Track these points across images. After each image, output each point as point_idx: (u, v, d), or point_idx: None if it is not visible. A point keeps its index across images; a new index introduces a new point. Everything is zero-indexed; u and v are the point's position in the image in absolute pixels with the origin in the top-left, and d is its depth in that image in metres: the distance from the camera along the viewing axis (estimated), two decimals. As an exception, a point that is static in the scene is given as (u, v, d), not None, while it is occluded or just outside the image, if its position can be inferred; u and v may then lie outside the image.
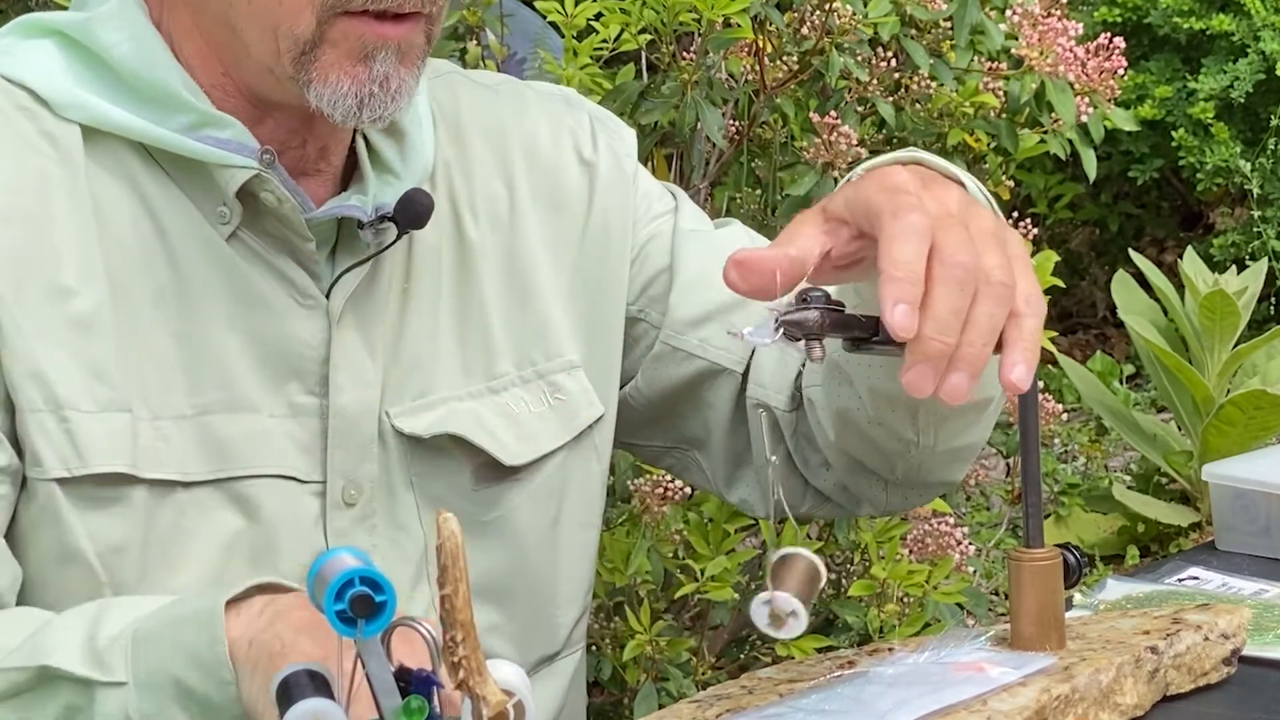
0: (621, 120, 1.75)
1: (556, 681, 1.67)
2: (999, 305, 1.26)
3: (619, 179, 1.67)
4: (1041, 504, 1.41)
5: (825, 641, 2.43)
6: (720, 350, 1.65)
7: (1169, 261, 4.98)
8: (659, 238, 1.67)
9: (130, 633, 1.30)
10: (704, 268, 1.65)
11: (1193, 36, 5.28)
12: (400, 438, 1.55)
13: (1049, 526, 4.19)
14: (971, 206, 1.32)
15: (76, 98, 1.49)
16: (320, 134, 1.53)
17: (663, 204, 1.70)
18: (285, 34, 1.45)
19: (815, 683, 1.36)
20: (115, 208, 1.49)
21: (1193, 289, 4.03)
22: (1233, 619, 1.44)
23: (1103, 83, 2.58)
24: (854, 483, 1.64)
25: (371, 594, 1.08)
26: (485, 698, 1.08)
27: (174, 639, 1.29)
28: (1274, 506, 1.82)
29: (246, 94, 1.50)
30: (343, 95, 1.45)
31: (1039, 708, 1.29)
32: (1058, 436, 4.46)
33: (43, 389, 1.44)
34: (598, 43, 2.48)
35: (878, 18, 2.47)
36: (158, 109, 1.48)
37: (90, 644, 1.31)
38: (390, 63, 1.46)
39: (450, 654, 1.08)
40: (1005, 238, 1.31)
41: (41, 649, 1.32)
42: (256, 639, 1.25)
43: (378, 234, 1.53)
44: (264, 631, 1.25)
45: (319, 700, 1.10)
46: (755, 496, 1.69)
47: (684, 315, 1.66)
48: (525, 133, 1.66)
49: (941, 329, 1.24)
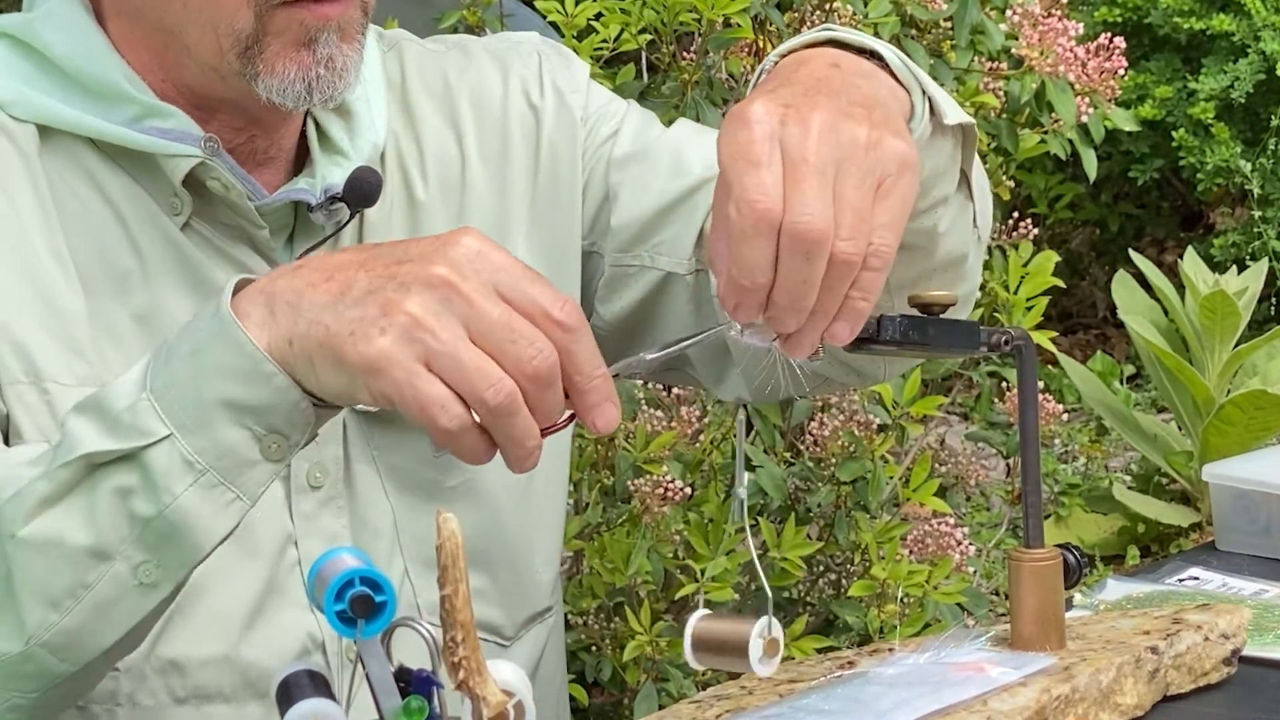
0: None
1: (545, 637, 1.69)
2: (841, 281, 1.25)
3: (564, 118, 1.67)
4: (1041, 504, 1.41)
5: (825, 641, 2.43)
6: (664, 257, 1.64)
7: (1169, 261, 4.98)
8: (599, 165, 1.67)
9: (145, 395, 1.28)
10: (640, 183, 1.64)
11: (1193, 36, 5.28)
12: (355, 414, 1.56)
13: (1049, 526, 4.19)
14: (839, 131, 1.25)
15: (26, 97, 1.51)
16: (268, 126, 1.54)
17: (609, 126, 1.68)
18: (226, 31, 1.46)
19: (815, 683, 1.36)
20: (75, 199, 1.50)
21: (1193, 289, 4.03)
22: (1233, 619, 1.44)
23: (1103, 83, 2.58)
24: (854, 358, 1.61)
25: (371, 594, 1.08)
26: (485, 698, 1.08)
27: (197, 369, 1.27)
28: (1274, 506, 1.82)
29: (190, 95, 1.52)
30: (290, 82, 1.47)
31: (1039, 708, 1.29)
32: (1058, 436, 4.46)
33: (23, 360, 1.45)
34: (598, 43, 2.48)
35: (878, 18, 2.47)
36: (103, 103, 1.50)
37: (111, 417, 1.29)
38: (333, 43, 1.47)
39: (450, 654, 1.08)
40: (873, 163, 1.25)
41: (70, 444, 1.30)
42: (293, 335, 1.25)
43: (331, 215, 1.54)
44: (295, 326, 1.24)
45: (319, 700, 1.10)
46: (745, 389, 1.67)
47: (627, 234, 1.65)
48: (471, 85, 1.66)
49: (790, 298, 1.25)
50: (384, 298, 1.22)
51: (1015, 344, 1.39)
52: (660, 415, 2.44)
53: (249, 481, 1.28)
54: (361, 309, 1.22)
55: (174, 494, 1.27)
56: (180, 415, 1.27)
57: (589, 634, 2.40)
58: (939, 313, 1.35)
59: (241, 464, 1.27)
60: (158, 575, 1.29)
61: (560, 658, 1.77)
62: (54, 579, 1.29)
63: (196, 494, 1.27)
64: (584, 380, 1.24)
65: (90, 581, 1.29)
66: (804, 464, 2.53)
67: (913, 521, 2.55)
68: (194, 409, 1.27)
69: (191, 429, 1.27)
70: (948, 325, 1.36)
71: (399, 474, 1.57)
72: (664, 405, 2.50)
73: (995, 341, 1.39)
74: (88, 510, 1.29)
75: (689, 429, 2.45)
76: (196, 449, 1.27)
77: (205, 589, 1.47)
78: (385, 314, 1.21)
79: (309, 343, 1.24)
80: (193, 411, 1.27)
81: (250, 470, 1.28)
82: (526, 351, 1.21)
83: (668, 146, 1.66)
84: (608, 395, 1.25)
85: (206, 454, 1.27)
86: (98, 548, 1.28)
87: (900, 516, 2.58)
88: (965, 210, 1.49)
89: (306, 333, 1.24)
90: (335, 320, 1.23)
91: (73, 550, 1.28)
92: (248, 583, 1.50)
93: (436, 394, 1.20)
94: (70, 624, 1.29)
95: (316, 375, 1.25)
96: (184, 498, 1.27)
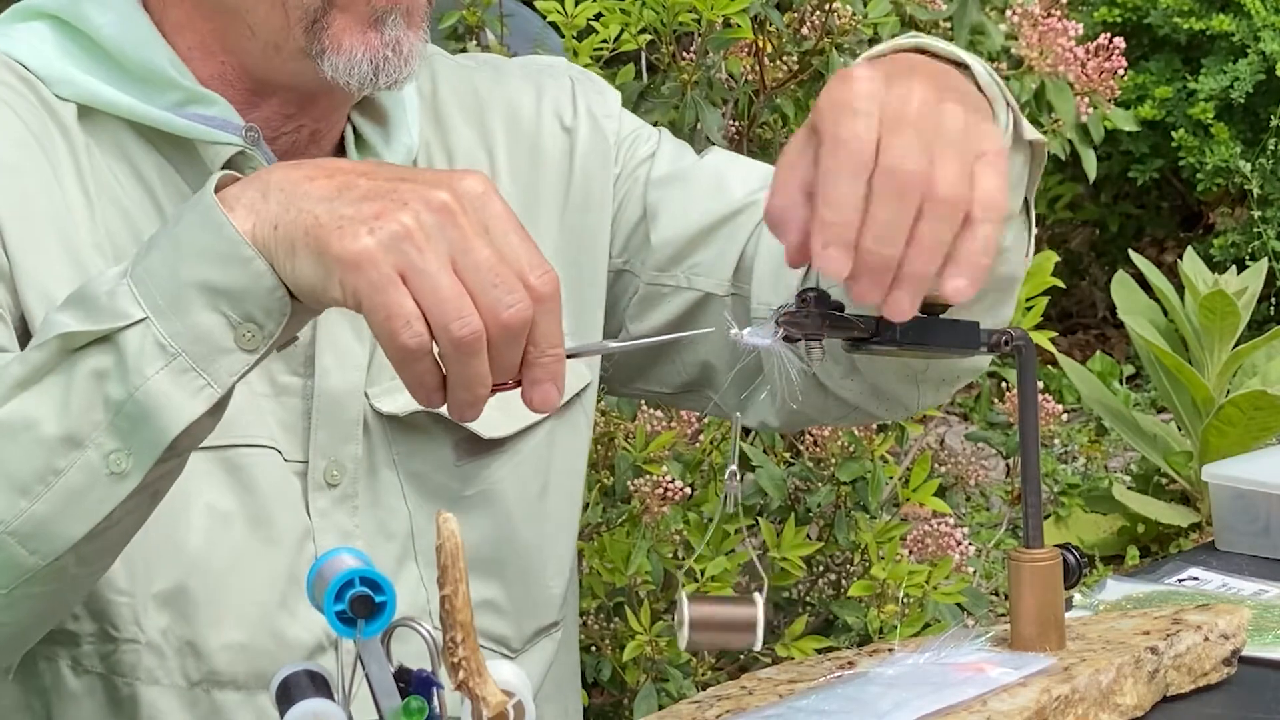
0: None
1: (553, 651, 1.68)
2: (943, 222, 1.24)
3: (598, 142, 1.68)
4: (1041, 504, 1.41)
5: (825, 642, 2.43)
6: (703, 277, 1.65)
7: (1169, 261, 4.97)
8: (636, 186, 1.68)
9: (124, 278, 1.28)
10: (681, 203, 1.66)
11: (1193, 37, 5.28)
12: (380, 417, 1.56)
13: (1049, 527, 4.19)
14: (940, 106, 1.26)
15: (70, 75, 1.52)
16: (315, 115, 1.54)
17: (645, 148, 1.70)
18: (294, 5, 1.47)
19: (815, 683, 1.36)
20: (113, 178, 1.51)
21: (1193, 289, 4.03)
22: (1233, 619, 1.44)
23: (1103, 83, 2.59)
24: (885, 384, 1.61)
25: (371, 594, 1.08)
26: (485, 698, 1.08)
27: (176, 253, 1.27)
28: (1274, 506, 1.82)
29: (247, 79, 1.52)
30: (358, 62, 1.47)
31: (1039, 708, 1.29)
32: (1058, 436, 4.46)
33: None
34: (598, 43, 2.48)
35: (878, 18, 2.47)
36: (146, 87, 1.51)
37: (91, 303, 1.28)
38: (400, 26, 1.48)
39: (450, 654, 1.08)
40: (971, 140, 1.26)
41: (48, 329, 1.29)
42: (281, 222, 1.24)
43: None
44: (286, 211, 1.24)
45: (319, 700, 1.10)
46: (771, 415, 1.67)
47: (666, 253, 1.66)
48: (504, 101, 1.67)
49: (880, 241, 1.23)
50: (380, 205, 1.21)
51: (1015, 344, 1.39)
52: (660, 415, 2.44)
53: (220, 369, 1.27)
54: (355, 209, 1.22)
55: (145, 376, 1.26)
56: (156, 298, 1.26)
57: (589, 634, 2.40)
58: (939, 312, 1.35)
59: (214, 350, 1.26)
60: (128, 464, 1.27)
61: (571, 674, 1.76)
62: (24, 464, 1.28)
63: (167, 377, 1.26)
64: (537, 353, 1.23)
65: (61, 468, 1.27)
66: (804, 464, 2.53)
67: (912, 521, 2.55)
68: (170, 292, 1.26)
69: (166, 312, 1.26)
70: (948, 325, 1.36)
71: (418, 480, 1.57)
72: (663, 405, 2.51)
73: (995, 341, 1.38)
74: (62, 394, 1.28)
75: (689, 429, 2.45)
76: (170, 332, 1.26)
77: (229, 574, 1.48)
78: (377, 217, 1.21)
79: (295, 229, 1.23)
80: (169, 295, 1.26)
81: (223, 358, 1.26)
82: (505, 299, 1.20)
83: (707, 170, 1.68)
84: (554, 376, 1.24)
85: (180, 338, 1.26)
86: (70, 434, 1.27)
87: (900, 516, 2.58)
88: (1023, 233, 1.49)
89: (295, 220, 1.23)
90: (327, 213, 1.22)
91: (45, 436, 1.27)
92: (269, 573, 1.50)
93: (405, 308, 1.20)
94: (40, 511, 1.28)
95: (294, 264, 1.23)
96: (154, 380, 1.26)
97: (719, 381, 1.68)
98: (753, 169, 1.69)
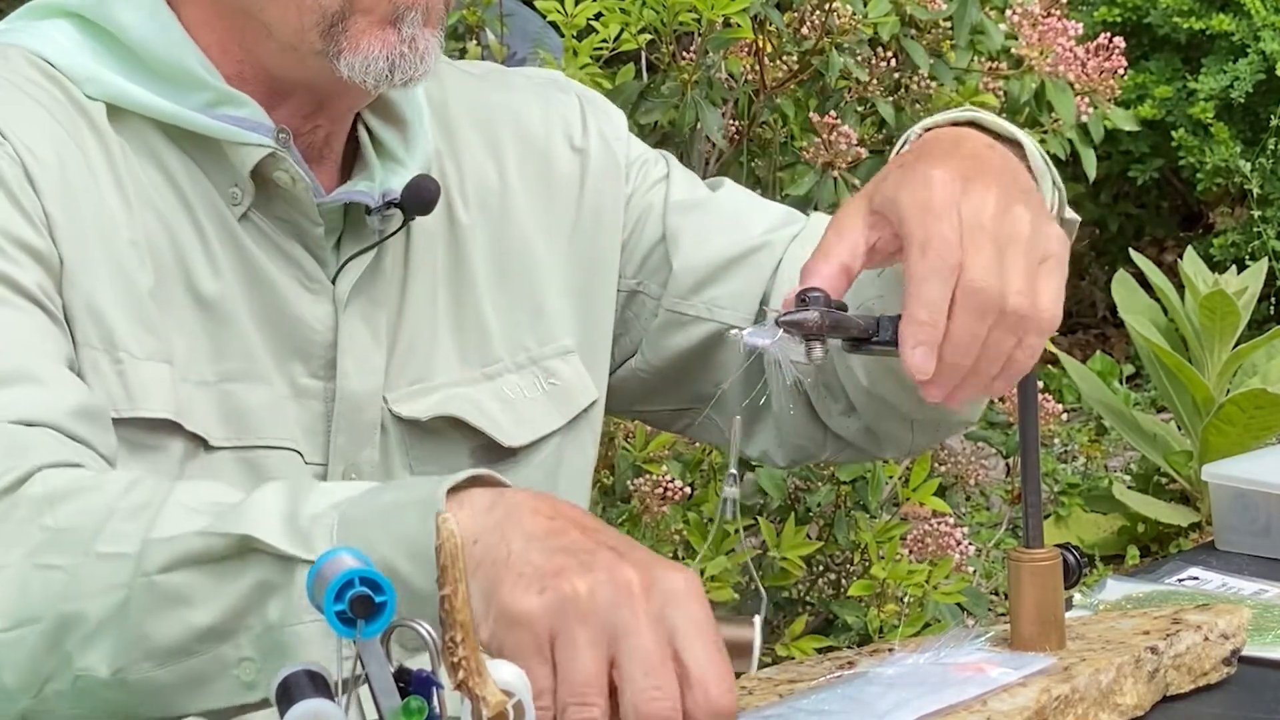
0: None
1: None
2: (1009, 334, 1.33)
3: (609, 164, 1.69)
4: (1041, 504, 1.41)
5: (825, 641, 2.43)
6: (726, 310, 1.66)
7: (1169, 261, 4.98)
8: (653, 209, 1.68)
9: (336, 514, 1.25)
10: (701, 232, 1.66)
11: (1193, 36, 5.28)
12: (399, 422, 1.56)
13: (1049, 526, 4.19)
14: (1010, 212, 1.35)
15: (97, 74, 1.51)
16: (332, 116, 1.54)
17: (657, 171, 1.71)
18: (311, 8, 1.46)
19: (815, 683, 1.36)
20: (143, 177, 1.50)
21: (1193, 289, 4.04)
22: (1233, 619, 1.44)
23: (1103, 83, 2.59)
24: (881, 425, 1.63)
25: (371, 594, 1.08)
26: (485, 698, 1.08)
27: (386, 524, 1.24)
28: (1274, 506, 1.82)
29: (265, 78, 1.52)
30: (374, 59, 1.47)
31: (1039, 708, 1.29)
32: (1058, 436, 4.46)
33: (99, 327, 1.44)
34: (598, 42, 2.48)
35: (878, 18, 2.47)
36: (175, 87, 1.50)
37: (292, 520, 1.25)
38: (417, 24, 1.48)
39: (450, 654, 1.08)
40: (1037, 244, 1.35)
41: (243, 518, 1.26)
42: (483, 539, 1.20)
43: (383, 220, 1.54)
44: (491, 532, 1.20)
45: (319, 700, 1.10)
46: (775, 447, 1.68)
47: (686, 281, 1.66)
48: (513, 113, 1.67)
49: (959, 354, 1.32)
50: (568, 561, 1.17)
51: (1015, 344, 1.39)
52: (660, 415, 2.44)
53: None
54: (546, 559, 1.18)
55: (302, 620, 1.24)
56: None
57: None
58: None
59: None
60: (255, 677, 1.26)
61: None
62: (165, 633, 1.26)
63: (319, 631, 1.23)
64: None
65: (196, 651, 1.26)
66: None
67: (912, 521, 2.55)
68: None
69: None
70: (947, 325, 1.37)
71: None
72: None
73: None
74: (227, 587, 1.25)
75: (689, 429, 2.45)
76: None
77: None
78: (556, 574, 1.17)
79: (485, 554, 1.20)
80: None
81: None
82: (652, 690, 1.14)
83: (725, 203, 1.69)
84: None
85: None
86: (218, 628, 1.26)
87: (900, 516, 2.58)
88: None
89: (493, 544, 1.20)
90: (520, 552, 1.19)
91: (194, 622, 1.26)
92: None
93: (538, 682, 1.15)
94: (159, 677, 1.27)
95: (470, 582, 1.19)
96: (308, 628, 1.24)
97: (727, 408, 1.66)
98: (768, 208, 1.71)
